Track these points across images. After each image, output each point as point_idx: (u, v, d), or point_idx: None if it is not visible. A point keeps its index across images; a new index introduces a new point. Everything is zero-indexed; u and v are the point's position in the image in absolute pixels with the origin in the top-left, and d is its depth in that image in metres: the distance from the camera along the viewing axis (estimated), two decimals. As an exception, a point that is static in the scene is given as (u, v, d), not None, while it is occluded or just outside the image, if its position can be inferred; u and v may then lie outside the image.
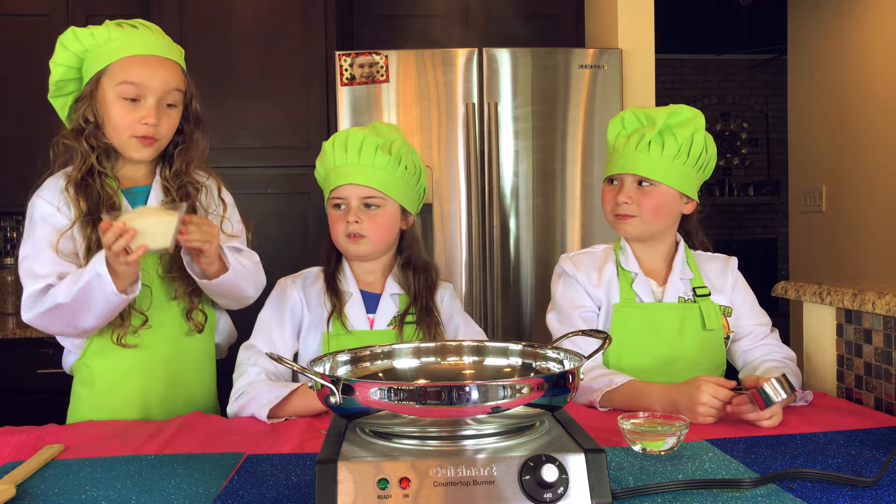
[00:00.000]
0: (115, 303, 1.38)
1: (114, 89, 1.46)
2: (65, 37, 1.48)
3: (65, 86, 1.52)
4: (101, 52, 1.46)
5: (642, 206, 1.54)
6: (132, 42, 1.47)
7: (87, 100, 1.48)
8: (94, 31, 1.47)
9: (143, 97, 1.46)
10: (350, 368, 1.10)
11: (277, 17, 2.99)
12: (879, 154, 3.34)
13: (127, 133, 1.47)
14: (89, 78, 1.48)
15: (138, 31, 1.49)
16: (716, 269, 1.64)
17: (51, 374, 2.77)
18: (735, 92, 6.60)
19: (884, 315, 1.47)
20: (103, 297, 1.36)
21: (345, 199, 1.56)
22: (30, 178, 1.63)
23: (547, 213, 2.84)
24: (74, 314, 1.40)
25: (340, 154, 1.56)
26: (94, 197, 1.47)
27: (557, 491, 0.86)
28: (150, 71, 1.47)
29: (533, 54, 2.82)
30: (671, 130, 1.52)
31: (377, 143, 1.54)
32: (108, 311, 1.41)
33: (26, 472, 1.07)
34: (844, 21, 3.57)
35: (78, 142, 1.49)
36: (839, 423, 1.33)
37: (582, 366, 0.97)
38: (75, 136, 1.49)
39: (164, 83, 1.47)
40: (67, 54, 1.48)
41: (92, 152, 1.49)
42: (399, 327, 1.58)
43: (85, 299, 1.37)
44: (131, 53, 1.46)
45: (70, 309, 1.39)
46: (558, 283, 1.65)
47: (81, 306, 1.38)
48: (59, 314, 1.41)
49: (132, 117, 1.46)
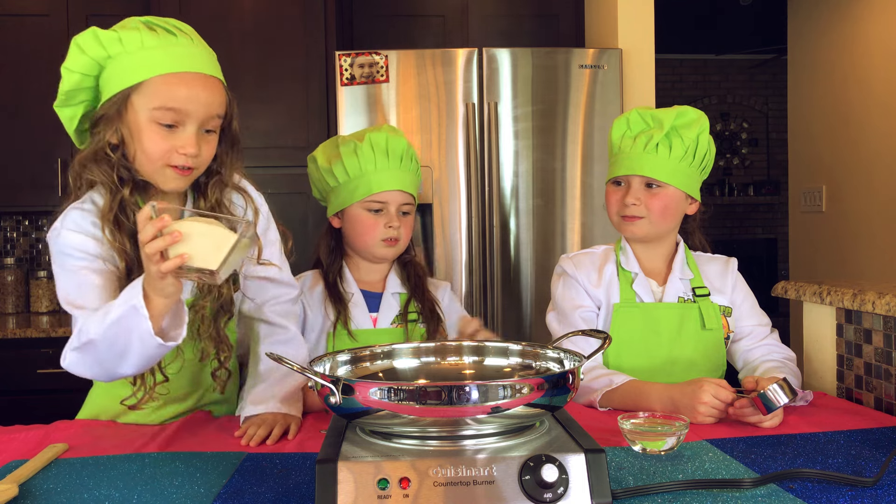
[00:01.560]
0: (151, 347, 1.11)
1: (148, 112, 1.21)
2: (83, 39, 1.22)
3: (76, 95, 1.26)
4: (131, 62, 1.21)
5: (650, 208, 1.54)
6: (171, 54, 1.22)
7: (114, 121, 1.24)
8: (121, 34, 1.21)
9: (182, 123, 1.22)
10: (350, 368, 1.10)
11: (277, 17, 2.99)
12: (879, 154, 3.34)
13: (161, 162, 1.24)
14: (114, 92, 1.22)
15: (177, 40, 1.24)
16: (716, 269, 1.65)
17: (51, 374, 2.77)
18: (735, 92, 6.60)
19: (884, 315, 1.47)
20: (139, 339, 1.10)
21: (386, 203, 1.58)
22: (30, 178, 1.61)
23: (547, 213, 2.84)
24: (109, 355, 1.15)
25: (382, 158, 1.57)
26: (128, 232, 1.25)
27: (557, 491, 0.86)
28: (193, 93, 1.22)
29: (533, 54, 2.82)
30: (678, 132, 1.52)
31: (411, 150, 1.59)
32: (146, 357, 1.15)
33: (29, 472, 1.08)
34: (844, 21, 3.57)
35: (104, 172, 1.25)
36: (839, 423, 1.33)
37: (582, 366, 0.97)
38: (98, 163, 1.26)
39: (207, 108, 1.24)
40: (85, 60, 1.22)
41: (123, 186, 1.26)
42: (404, 325, 1.59)
43: (117, 337, 1.12)
44: (171, 70, 1.21)
45: (103, 348, 1.14)
46: (558, 284, 1.65)
47: (114, 346, 1.13)
48: (91, 353, 1.16)
49: (169, 145, 1.22)
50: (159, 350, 1.13)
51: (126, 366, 1.16)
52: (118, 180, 1.26)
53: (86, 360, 1.17)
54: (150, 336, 1.09)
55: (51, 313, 3.26)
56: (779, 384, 1.26)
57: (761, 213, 6.64)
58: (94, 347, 1.14)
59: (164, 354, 1.18)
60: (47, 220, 3.42)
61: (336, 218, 1.66)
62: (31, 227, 3.45)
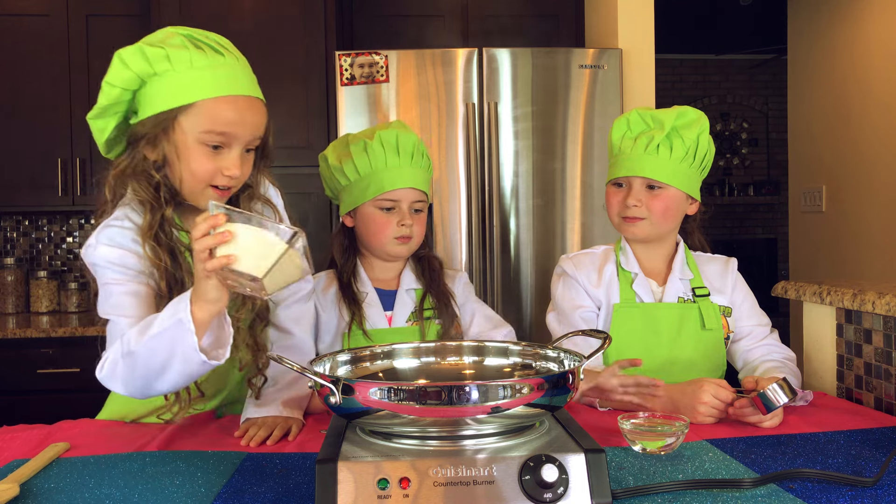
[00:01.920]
0: (193, 363, 1.09)
1: (197, 134, 1.20)
2: (128, 54, 1.20)
3: (113, 108, 1.24)
4: (179, 82, 1.19)
5: (652, 209, 1.54)
6: (220, 76, 1.20)
7: (158, 140, 1.23)
8: (169, 52, 1.18)
9: (228, 145, 1.22)
10: (350, 368, 1.10)
11: (277, 18, 2.99)
12: (879, 154, 3.34)
13: (204, 183, 1.24)
14: (158, 110, 1.20)
15: (224, 60, 1.22)
16: (715, 270, 1.65)
17: (51, 374, 2.77)
18: (735, 92, 6.60)
19: (884, 315, 1.47)
20: (181, 354, 1.09)
21: (398, 201, 1.57)
22: (30, 178, 1.61)
23: (547, 213, 2.84)
24: (147, 369, 1.13)
25: (392, 156, 1.56)
26: (168, 249, 1.25)
27: (557, 491, 0.86)
28: (241, 116, 1.22)
29: (533, 54, 2.82)
30: (678, 132, 1.52)
31: (421, 147, 1.58)
32: (186, 375, 1.13)
33: (30, 471, 1.08)
34: (844, 21, 3.57)
35: (145, 189, 1.25)
36: (839, 423, 1.33)
37: (582, 366, 0.97)
38: (138, 179, 1.25)
39: (253, 131, 1.25)
40: (129, 75, 1.20)
41: (166, 206, 1.25)
42: (420, 323, 1.59)
43: (159, 351, 1.10)
44: (220, 94, 1.20)
45: (142, 361, 1.12)
46: (558, 284, 1.65)
47: (154, 359, 1.11)
48: (129, 366, 1.14)
49: (214, 166, 1.22)
50: (201, 368, 1.11)
51: (163, 382, 1.14)
52: (163, 201, 1.25)
53: (123, 372, 1.15)
54: (194, 351, 1.07)
55: (51, 313, 3.26)
56: (778, 384, 1.26)
57: (761, 213, 6.64)
58: (133, 359, 1.13)
59: (205, 373, 1.15)
60: (47, 220, 3.43)
61: (349, 217, 1.64)
62: (31, 227, 3.45)
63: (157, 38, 1.22)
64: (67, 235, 3.47)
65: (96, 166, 3.12)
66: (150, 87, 1.21)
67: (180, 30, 1.23)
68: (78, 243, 3.47)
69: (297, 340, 1.47)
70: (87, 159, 3.10)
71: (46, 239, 3.46)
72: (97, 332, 1.46)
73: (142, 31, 1.36)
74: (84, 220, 3.47)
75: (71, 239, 3.47)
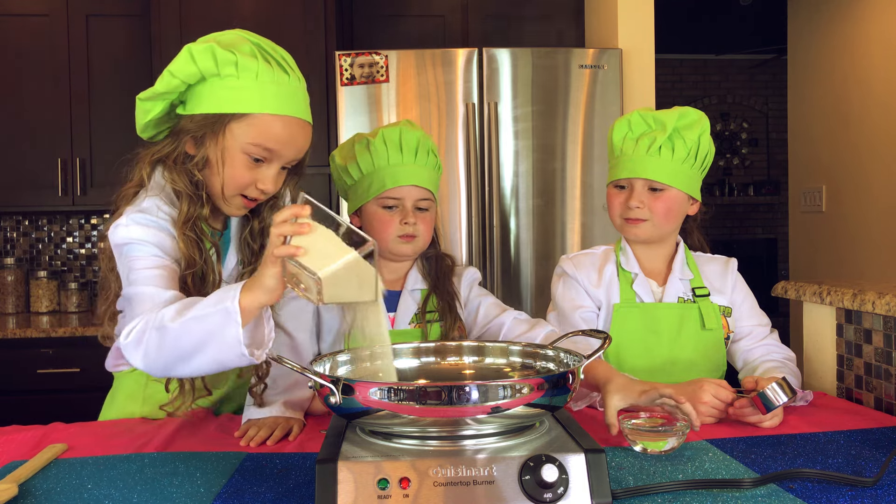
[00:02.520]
0: (233, 353, 1.06)
1: (244, 144, 1.21)
2: (198, 50, 1.19)
3: (167, 96, 1.25)
4: (240, 89, 1.19)
5: (654, 211, 1.54)
6: (281, 94, 1.21)
7: (204, 138, 1.23)
8: (239, 59, 1.18)
9: (269, 161, 1.24)
10: (350, 368, 1.10)
11: (277, 17, 3.00)
12: (879, 154, 3.34)
13: (237, 191, 1.25)
14: (212, 110, 1.21)
15: (288, 80, 1.23)
16: (715, 270, 1.65)
17: (51, 374, 2.77)
18: (735, 92, 6.60)
19: (884, 315, 1.47)
20: (220, 343, 1.05)
21: (401, 199, 1.54)
22: (30, 178, 1.60)
23: (547, 213, 2.84)
24: (175, 348, 1.09)
25: (395, 153, 1.54)
26: (196, 245, 1.25)
27: (557, 491, 0.86)
28: (291, 136, 1.23)
29: (533, 54, 2.82)
30: (680, 133, 1.52)
31: (427, 144, 1.56)
32: (217, 363, 1.09)
33: (29, 471, 1.08)
34: (844, 21, 3.57)
35: (184, 182, 1.26)
36: (839, 423, 1.33)
37: (582, 366, 0.97)
38: (177, 170, 1.26)
39: (296, 153, 1.26)
40: (193, 70, 1.19)
41: (206, 204, 1.27)
42: (423, 325, 1.57)
43: (194, 334, 1.07)
44: (278, 112, 1.21)
45: (172, 338, 1.08)
46: (558, 284, 1.65)
47: (186, 341, 1.08)
48: (156, 340, 1.10)
49: (251, 178, 1.24)
50: (237, 360, 1.07)
51: (189, 366, 1.10)
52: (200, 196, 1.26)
53: (150, 344, 1.10)
54: (237, 342, 1.04)
55: (51, 313, 3.26)
56: (778, 383, 1.26)
57: (761, 213, 6.64)
58: (164, 335, 1.09)
59: (237, 367, 1.11)
60: (47, 220, 3.43)
61: (355, 216, 1.63)
62: (31, 227, 3.45)
63: (228, 41, 1.22)
64: (67, 235, 3.46)
65: (96, 166, 3.12)
66: (208, 85, 1.21)
67: (251, 37, 1.24)
68: (78, 243, 3.47)
69: (296, 343, 1.47)
70: (87, 159, 3.10)
71: (46, 239, 3.46)
72: (97, 332, 1.46)
73: (142, 31, 1.34)
74: (84, 219, 3.47)
75: (71, 239, 3.47)
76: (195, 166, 1.25)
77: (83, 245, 3.47)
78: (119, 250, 1.23)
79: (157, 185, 1.30)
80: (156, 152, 1.29)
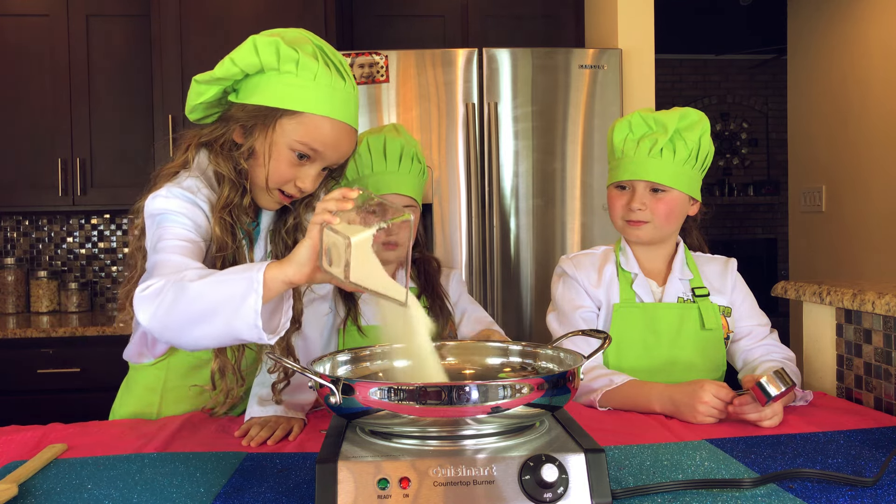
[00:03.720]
0: (246, 324, 1.03)
1: (292, 141, 1.23)
2: (263, 44, 1.20)
3: (223, 82, 1.26)
4: (297, 87, 1.21)
5: (656, 212, 1.54)
6: (336, 99, 1.23)
7: (253, 129, 1.24)
8: (301, 58, 1.20)
9: (312, 161, 1.26)
10: (350, 368, 1.10)
11: (277, 18, 3.00)
12: (879, 154, 3.34)
13: (276, 186, 1.27)
14: (266, 102, 1.22)
15: (344, 86, 1.24)
16: (715, 270, 1.65)
17: (51, 374, 2.77)
18: (735, 92, 6.60)
19: (884, 315, 1.47)
20: (233, 311, 1.03)
21: None
22: (30, 178, 1.60)
23: (547, 213, 2.84)
24: (188, 309, 1.05)
25: (379, 160, 1.55)
26: (230, 230, 1.26)
27: (557, 491, 0.86)
28: (338, 140, 1.25)
29: (533, 54, 2.82)
30: (681, 135, 1.52)
31: (412, 151, 1.57)
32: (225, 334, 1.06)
33: (29, 472, 1.08)
34: (844, 21, 3.57)
35: (228, 168, 1.27)
36: (839, 423, 1.33)
37: (582, 366, 0.97)
38: (223, 156, 1.27)
39: (340, 157, 1.28)
40: (254, 61, 1.21)
41: (247, 194, 1.28)
42: None
43: (211, 296, 1.04)
44: (331, 115, 1.22)
45: (188, 298, 1.05)
46: (558, 284, 1.65)
47: (201, 303, 1.05)
48: (172, 294, 1.06)
49: (292, 175, 1.26)
50: (248, 332, 1.03)
51: (197, 331, 1.06)
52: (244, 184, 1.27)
53: (164, 299, 1.07)
54: (255, 313, 1.01)
55: (51, 313, 3.26)
56: (776, 373, 1.26)
57: (761, 213, 6.64)
58: (181, 291, 1.06)
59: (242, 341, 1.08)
60: (47, 220, 3.43)
61: None
62: (31, 227, 3.45)
63: (293, 38, 1.23)
64: (67, 235, 3.46)
65: (96, 166, 3.12)
66: (266, 77, 1.22)
67: (313, 38, 1.26)
68: (78, 243, 3.47)
69: (309, 344, 1.49)
70: (87, 159, 3.10)
71: (46, 239, 3.46)
72: (97, 332, 1.46)
73: (142, 31, 1.34)
74: (84, 219, 3.47)
75: (71, 239, 3.47)
76: (241, 155, 1.26)
77: (83, 245, 3.47)
78: (152, 220, 1.24)
79: (199, 168, 1.31)
80: (203, 135, 1.30)
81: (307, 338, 1.49)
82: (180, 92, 2.95)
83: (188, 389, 1.44)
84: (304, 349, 1.48)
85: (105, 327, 2.76)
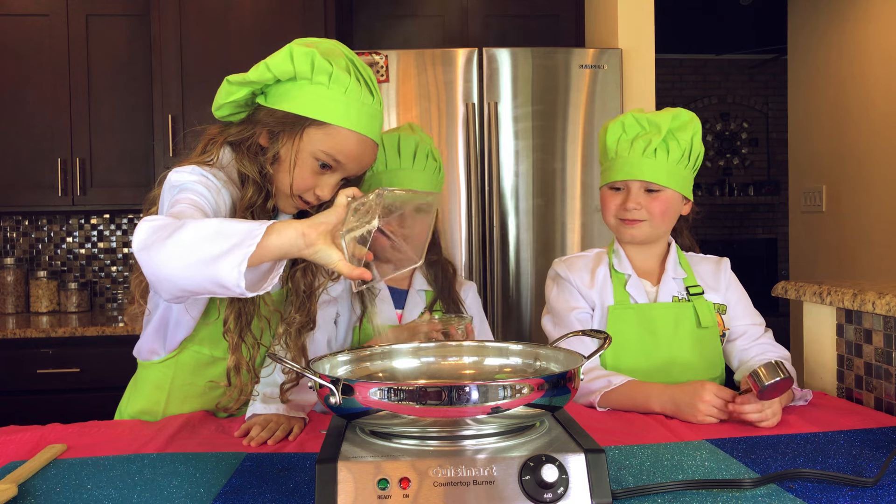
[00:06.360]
0: (228, 266, 0.99)
1: (316, 150, 1.25)
2: (299, 53, 1.22)
3: (254, 85, 1.27)
4: (327, 98, 1.23)
5: (651, 212, 1.55)
6: (364, 115, 1.26)
7: (282, 137, 1.26)
8: (334, 72, 1.22)
9: (333, 171, 1.28)
10: (350, 368, 1.10)
11: (277, 17, 2.99)
12: (879, 154, 3.34)
13: (298, 192, 1.29)
14: (294, 110, 1.24)
15: (373, 101, 1.27)
16: (708, 268, 1.65)
17: (51, 374, 2.77)
18: (735, 92, 6.60)
19: (884, 315, 1.47)
20: (226, 253, 0.99)
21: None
22: (30, 178, 1.61)
23: (547, 213, 2.84)
24: (178, 240, 1.02)
25: (393, 158, 1.56)
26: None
27: (557, 491, 0.86)
28: (361, 154, 1.28)
29: (533, 54, 2.82)
30: (674, 135, 1.54)
31: (426, 148, 1.57)
32: (209, 273, 1.00)
33: (28, 472, 1.07)
34: (844, 21, 3.57)
35: (252, 168, 1.28)
36: (839, 423, 1.33)
37: (582, 366, 0.97)
38: (248, 156, 1.28)
39: (360, 169, 1.32)
40: (288, 69, 1.23)
41: (270, 197, 1.29)
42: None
43: (207, 231, 1.02)
44: (358, 130, 1.25)
45: (182, 233, 1.03)
46: (552, 287, 1.66)
47: (193, 237, 1.02)
48: (171, 226, 1.04)
49: (313, 183, 1.28)
50: (227, 277, 0.99)
51: (179, 261, 1.02)
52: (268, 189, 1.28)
53: (163, 227, 1.05)
54: (243, 259, 0.98)
55: (51, 313, 3.26)
56: (770, 364, 1.26)
57: (761, 213, 6.63)
58: (181, 228, 1.03)
59: (216, 287, 1.02)
60: (47, 220, 3.43)
61: None
62: (30, 227, 3.45)
63: (327, 49, 1.26)
64: (67, 235, 3.46)
65: (96, 166, 3.12)
66: (297, 85, 1.25)
67: (346, 51, 1.28)
68: (78, 243, 3.47)
69: (316, 343, 1.49)
70: (87, 159, 3.10)
71: (46, 239, 3.46)
72: (97, 333, 1.46)
73: (142, 31, 1.33)
74: (84, 219, 3.47)
75: (71, 239, 3.47)
76: (266, 160, 1.28)
77: (83, 245, 3.47)
78: (171, 191, 1.23)
79: (220, 165, 1.31)
80: (230, 135, 1.31)
81: (314, 340, 1.49)
82: (180, 92, 2.95)
83: (202, 385, 1.45)
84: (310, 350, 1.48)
85: (105, 327, 2.76)
